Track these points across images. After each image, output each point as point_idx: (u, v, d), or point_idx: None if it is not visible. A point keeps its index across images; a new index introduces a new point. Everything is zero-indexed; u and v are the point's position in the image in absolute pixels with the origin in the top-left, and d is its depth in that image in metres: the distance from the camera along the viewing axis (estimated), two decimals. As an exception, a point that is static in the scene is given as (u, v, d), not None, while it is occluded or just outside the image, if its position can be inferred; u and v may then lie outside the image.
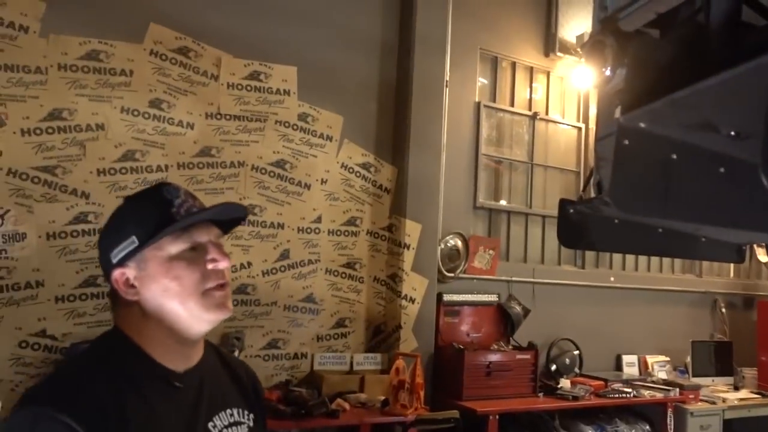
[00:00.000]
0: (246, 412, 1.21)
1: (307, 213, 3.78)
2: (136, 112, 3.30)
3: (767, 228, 1.12)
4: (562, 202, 1.55)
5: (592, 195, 1.55)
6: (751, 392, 4.75)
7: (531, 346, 4.07)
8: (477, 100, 4.46)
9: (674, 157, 1.05)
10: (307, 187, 3.78)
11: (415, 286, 3.95)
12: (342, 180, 3.90)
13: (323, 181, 3.84)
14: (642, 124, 1.02)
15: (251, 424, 1.20)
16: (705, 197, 1.10)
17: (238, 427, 1.18)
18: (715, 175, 1.06)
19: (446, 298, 4.09)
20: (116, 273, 1.09)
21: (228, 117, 3.56)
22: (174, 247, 1.09)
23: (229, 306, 1.13)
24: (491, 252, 4.36)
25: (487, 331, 4.26)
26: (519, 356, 3.99)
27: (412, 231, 3.97)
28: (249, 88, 3.62)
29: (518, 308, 4.32)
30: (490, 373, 3.83)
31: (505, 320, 4.30)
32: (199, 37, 3.47)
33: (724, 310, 5.42)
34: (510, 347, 4.11)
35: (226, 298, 1.12)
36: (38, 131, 3.07)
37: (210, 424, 1.13)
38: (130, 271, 1.09)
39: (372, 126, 4.04)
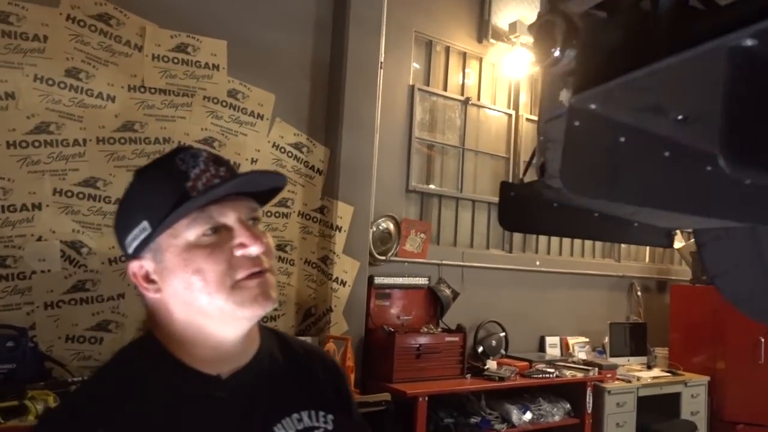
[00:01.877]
0: (322, 414, 1.00)
1: (236, 193, 3.65)
2: (51, 81, 3.07)
3: (704, 212, 1.15)
4: (504, 185, 1.54)
5: (534, 178, 1.55)
6: (663, 370, 5.03)
7: (459, 329, 4.13)
8: (411, 83, 4.44)
9: (622, 139, 1.06)
10: (237, 166, 3.65)
11: (346, 268, 3.91)
12: (273, 160, 3.79)
13: (253, 161, 3.72)
14: (593, 106, 1.02)
15: (330, 426, 1.00)
16: (649, 180, 1.12)
17: None
18: (660, 159, 1.08)
19: (377, 281, 4.08)
20: (133, 266, 0.92)
21: (153, 90, 3.37)
22: (191, 231, 0.89)
23: (272, 296, 0.92)
24: (422, 235, 4.37)
25: (418, 314, 4.29)
26: (448, 338, 4.03)
27: (344, 213, 3.92)
28: (176, 60, 3.44)
29: (448, 291, 4.37)
30: (419, 356, 3.86)
31: (435, 303, 4.34)
32: (121, 3, 3.26)
33: (639, 293, 5.69)
34: (439, 330, 4.15)
35: (267, 286, 0.91)
36: (-62, 98, 2.81)
37: None
38: (148, 264, 0.91)
39: (305, 105, 3.94)
